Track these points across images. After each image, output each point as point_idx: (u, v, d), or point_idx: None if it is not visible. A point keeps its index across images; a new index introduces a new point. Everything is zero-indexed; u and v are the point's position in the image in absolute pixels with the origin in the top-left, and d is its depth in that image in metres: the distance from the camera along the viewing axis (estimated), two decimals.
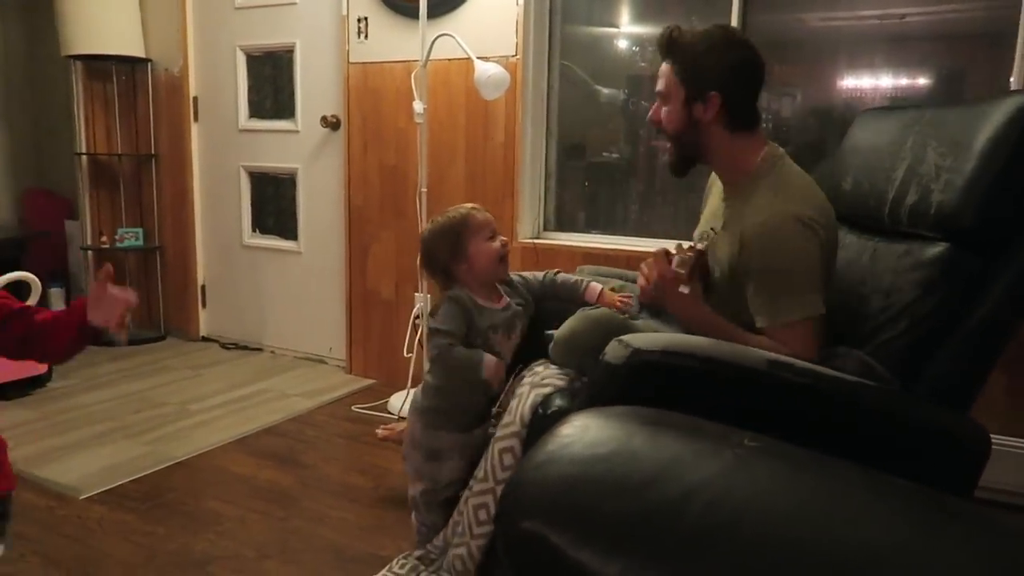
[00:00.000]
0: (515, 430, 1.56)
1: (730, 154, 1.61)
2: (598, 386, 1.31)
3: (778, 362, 1.30)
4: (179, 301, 3.98)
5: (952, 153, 1.40)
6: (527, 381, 1.63)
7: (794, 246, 1.47)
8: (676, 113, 1.61)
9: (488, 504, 1.58)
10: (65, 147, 4.04)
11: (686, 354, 1.28)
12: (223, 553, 1.91)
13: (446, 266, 1.72)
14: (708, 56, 1.56)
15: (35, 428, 2.71)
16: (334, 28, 3.30)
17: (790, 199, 1.51)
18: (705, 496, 0.84)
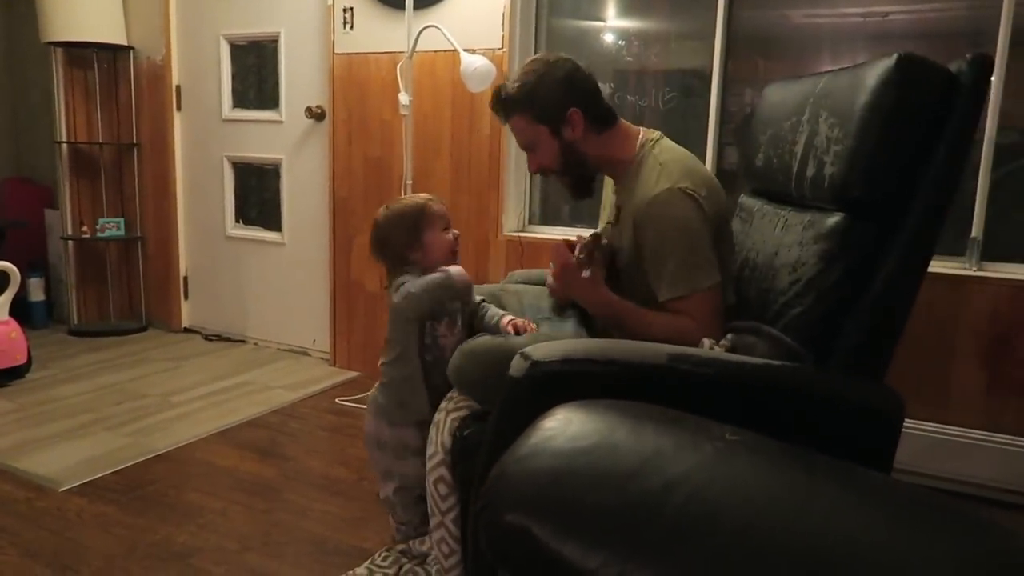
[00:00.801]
0: (440, 459, 1.56)
1: (609, 153, 1.71)
2: (504, 400, 1.31)
3: (678, 355, 1.30)
4: (161, 292, 3.95)
5: (839, 123, 1.39)
6: (443, 407, 1.62)
7: (680, 217, 1.54)
8: (551, 150, 1.70)
9: (445, 538, 1.57)
10: (45, 135, 3.99)
11: (585, 359, 1.27)
12: (205, 545, 1.91)
13: (400, 252, 1.72)
14: (543, 86, 1.65)
15: (13, 419, 2.69)
16: (319, 18, 3.28)
17: (670, 175, 1.58)
18: (686, 488, 0.85)
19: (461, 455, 1.51)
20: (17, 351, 3.03)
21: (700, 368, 1.29)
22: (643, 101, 2.86)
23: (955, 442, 2.27)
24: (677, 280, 1.55)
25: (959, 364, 2.29)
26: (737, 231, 1.76)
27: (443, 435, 1.55)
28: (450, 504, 1.55)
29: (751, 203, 1.78)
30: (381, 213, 1.76)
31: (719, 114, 2.65)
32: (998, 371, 2.25)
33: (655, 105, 2.83)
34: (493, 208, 2.99)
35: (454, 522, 1.55)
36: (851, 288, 1.36)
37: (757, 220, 1.69)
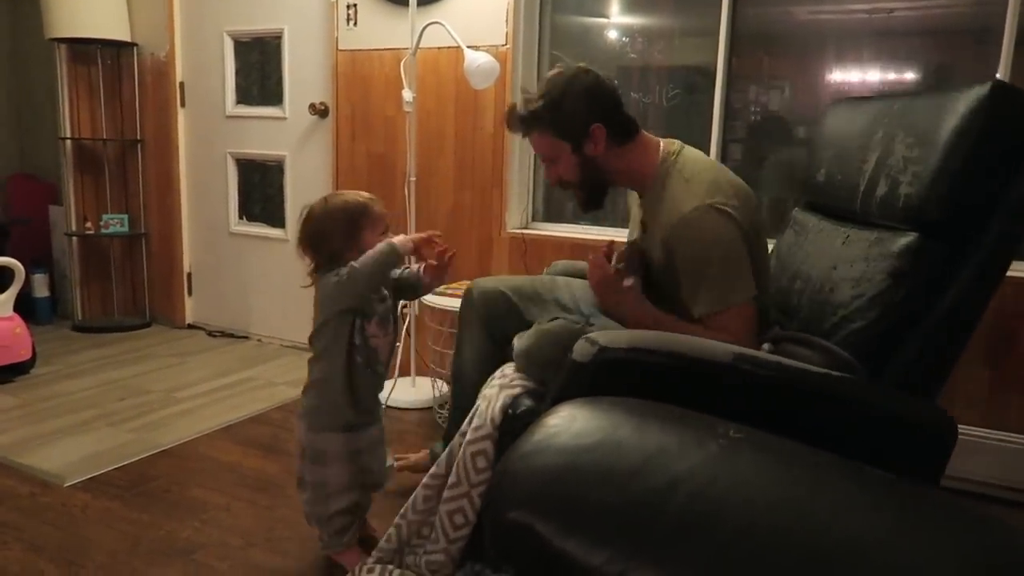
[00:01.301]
0: (486, 432, 1.55)
1: (630, 166, 1.69)
2: (566, 384, 1.31)
3: (743, 355, 1.31)
4: (164, 288, 3.95)
5: (918, 144, 1.41)
6: (496, 383, 1.62)
7: (714, 234, 1.53)
8: (571, 164, 1.68)
9: (464, 508, 1.57)
10: (49, 132, 3.99)
11: (652, 350, 1.28)
12: (208, 541, 1.91)
13: (336, 249, 1.65)
14: (565, 103, 1.63)
15: (17, 415, 2.69)
16: (323, 14, 3.27)
17: (699, 191, 1.57)
18: (689, 486, 0.85)
19: (509, 433, 1.51)
20: (21, 347, 3.04)
21: (761, 370, 1.29)
22: (647, 98, 2.86)
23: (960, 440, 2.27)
24: (713, 297, 1.54)
25: (962, 362, 2.29)
26: (790, 243, 1.77)
27: (494, 410, 1.54)
28: (483, 478, 1.54)
29: (806, 218, 1.78)
30: (318, 206, 1.69)
31: (723, 111, 2.65)
32: (1002, 369, 2.25)
33: (659, 102, 2.83)
34: (496, 205, 2.99)
35: (481, 496, 1.54)
36: (918, 306, 1.38)
37: (813, 234, 1.69)
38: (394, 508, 1.77)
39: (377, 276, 1.62)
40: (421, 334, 3.02)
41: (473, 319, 1.93)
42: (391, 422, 2.74)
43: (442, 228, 3.10)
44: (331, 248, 1.65)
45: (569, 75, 1.65)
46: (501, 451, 1.55)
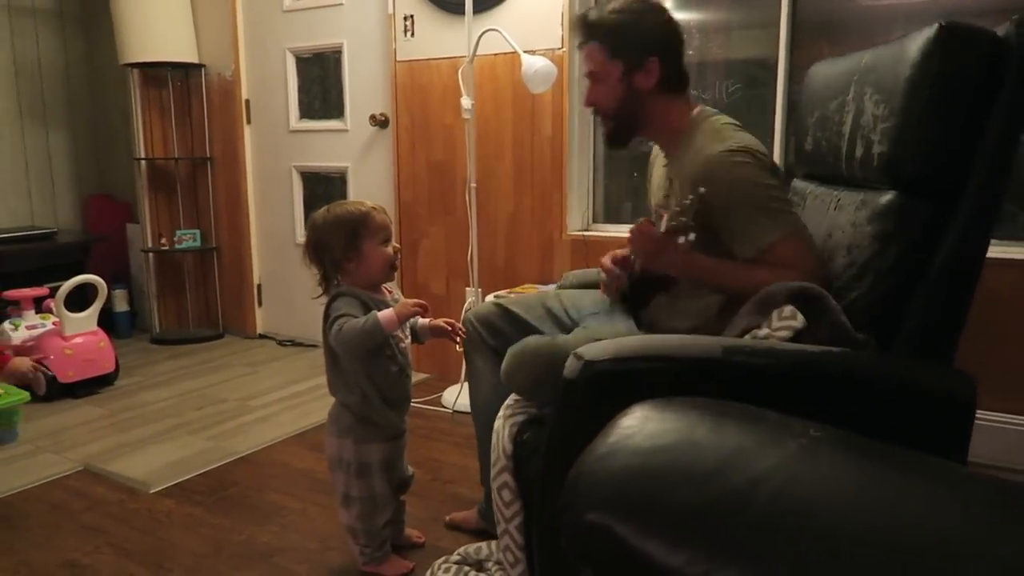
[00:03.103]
0: (503, 465, 1.54)
1: (667, 118, 1.67)
2: (560, 403, 1.29)
3: (732, 347, 1.26)
4: (236, 300, 4.08)
5: (884, 100, 1.34)
6: (501, 414, 1.61)
7: (744, 173, 1.51)
8: (614, 89, 1.65)
9: (510, 546, 1.55)
10: (124, 153, 4.17)
11: (636, 357, 1.24)
12: (287, 545, 1.96)
13: (336, 259, 1.67)
14: (636, 26, 1.60)
15: (104, 425, 2.82)
16: (381, 27, 3.34)
17: (721, 140, 1.55)
18: (771, 486, 0.84)
19: (522, 460, 1.51)
20: (106, 360, 3.18)
21: (755, 359, 1.24)
22: (705, 94, 2.82)
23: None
24: (762, 228, 1.49)
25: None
26: None
27: (504, 441, 1.54)
28: (514, 511, 1.53)
29: (803, 186, 1.74)
30: (320, 216, 1.70)
31: (786, 104, 2.60)
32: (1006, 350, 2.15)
33: (718, 97, 2.79)
34: (557, 208, 3.00)
35: (518, 529, 1.52)
36: (909, 269, 1.31)
37: (810, 202, 1.66)
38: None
39: (359, 348, 1.65)
40: None
41: (478, 343, 1.90)
42: (458, 427, 2.77)
43: (503, 233, 3.12)
44: (332, 257, 1.68)
45: (649, 5, 1.63)
46: (520, 480, 1.53)
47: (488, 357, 1.88)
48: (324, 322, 1.69)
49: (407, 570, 1.81)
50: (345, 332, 1.61)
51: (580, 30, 1.68)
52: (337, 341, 1.63)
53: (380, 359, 1.71)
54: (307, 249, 1.72)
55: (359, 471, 1.73)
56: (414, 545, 1.92)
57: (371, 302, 1.68)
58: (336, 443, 1.76)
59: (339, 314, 1.63)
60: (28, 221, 4.07)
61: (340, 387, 1.75)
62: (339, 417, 1.76)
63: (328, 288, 1.73)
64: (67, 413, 2.94)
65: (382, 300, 1.72)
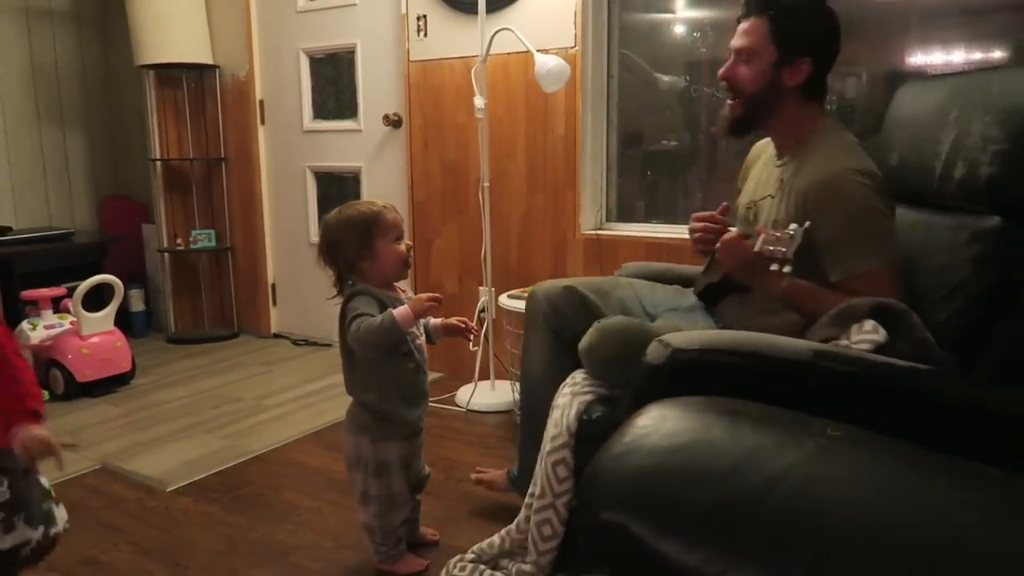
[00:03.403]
0: (563, 441, 1.55)
1: (795, 121, 1.65)
2: (640, 388, 1.29)
3: (823, 352, 1.25)
4: (250, 299, 4.10)
5: (998, 122, 1.33)
6: (567, 391, 1.62)
7: (859, 196, 1.49)
8: (760, 74, 1.62)
9: (551, 519, 1.57)
10: (139, 153, 4.20)
11: (726, 350, 1.24)
12: (302, 543, 1.98)
13: (350, 258, 1.69)
14: (807, 22, 1.58)
15: (121, 424, 2.84)
16: (394, 27, 3.34)
17: (847, 157, 1.54)
18: (787, 485, 0.83)
19: (585, 440, 1.51)
20: (122, 359, 3.20)
21: (844, 367, 1.23)
22: (719, 93, 2.81)
23: None
24: (857, 259, 1.48)
25: None
26: None
27: (569, 418, 1.55)
28: (566, 488, 1.54)
29: None
30: (333, 217, 1.72)
31: None
32: None
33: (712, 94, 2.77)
34: (570, 207, 3.00)
35: (565, 505, 1.54)
36: (1005, 294, 1.31)
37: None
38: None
39: (378, 346, 1.66)
40: (499, 338, 3.04)
41: (539, 321, 1.91)
42: (472, 425, 2.77)
43: (516, 232, 3.12)
44: (345, 257, 1.69)
45: (822, 5, 1.61)
46: (579, 458, 1.55)
47: (545, 336, 1.88)
48: (341, 321, 1.70)
49: (421, 568, 1.82)
50: (363, 331, 1.61)
51: (755, 2, 1.63)
52: (355, 340, 1.63)
53: (396, 357, 1.71)
54: (321, 250, 1.73)
55: (377, 469, 1.74)
56: (428, 543, 1.93)
57: (387, 300, 1.69)
58: (354, 441, 1.77)
59: (356, 313, 1.64)
60: (46, 222, 4.11)
61: (357, 386, 1.76)
62: (357, 415, 1.77)
63: (342, 288, 1.74)
64: (84, 412, 2.96)
65: (396, 298, 1.73)
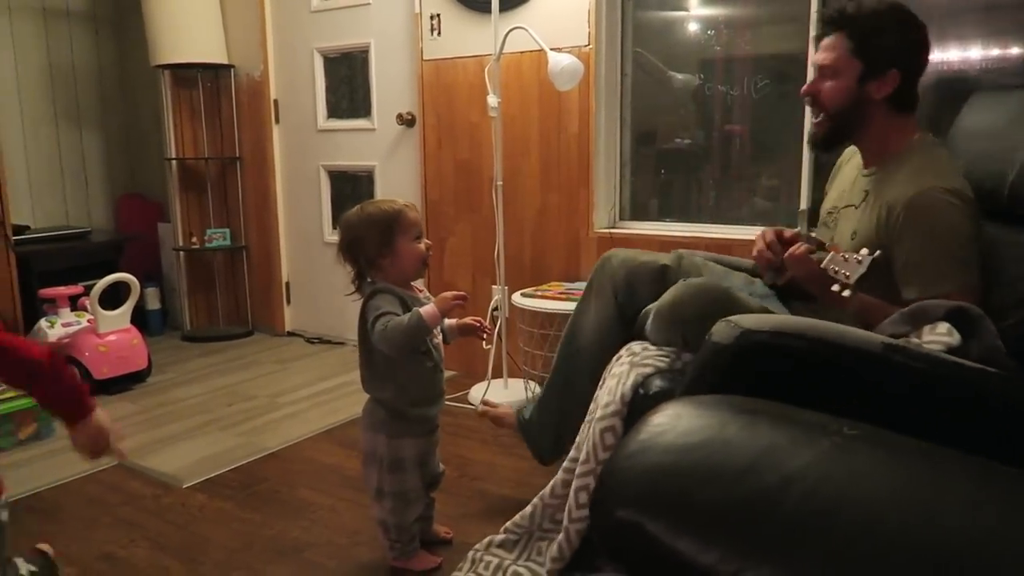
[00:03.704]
0: (615, 409, 1.54)
1: (885, 134, 1.63)
2: (704, 366, 1.27)
3: (893, 345, 1.23)
4: (264, 297, 4.13)
5: None
6: (626, 360, 1.60)
7: (947, 217, 1.47)
8: (844, 89, 1.61)
9: (590, 485, 1.56)
10: (155, 153, 4.24)
11: (797, 335, 1.21)
12: (317, 540, 1.99)
13: (371, 256, 1.69)
14: (890, 33, 1.57)
15: (138, 421, 2.87)
16: (407, 26, 3.35)
17: (939, 174, 1.51)
18: (803, 484, 0.83)
19: (639, 412, 1.49)
20: (139, 357, 3.23)
21: (914, 362, 1.20)
22: (734, 91, 2.81)
23: None
24: (936, 279, 1.46)
25: None
26: None
27: (624, 387, 1.54)
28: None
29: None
30: (354, 214, 1.73)
31: None
32: None
33: (746, 94, 2.77)
34: (583, 205, 2.99)
35: None
36: None
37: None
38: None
39: (405, 346, 1.66)
40: (512, 337, 3.04)
41: (606, 290, 1.88)
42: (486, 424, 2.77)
43: (529, 231, 3.12)
44: (366, 255, 1.70)
45: (908, 14, 1.59)
46: (629, 429, 1.53)
47: (608, 306, 1.88)
48: (361, 319, 1.70)
49: (435, 565, 1.82)
50: (390, 330, 1.62)
51: (834, 18, 1.63)
52: (382, 339, 1.63)
53: (415, 355, 1.72)
54: (341, 247, 1.73)
55: (392, 466, 1.75)
56: (442, 541, 1.93)
57: (407, 298, 1.70)
58: (370, 438, 1.78)
59: (380, 312, 1.64)
60: (63, 221, 4.15)
61: (374, 383, 1.77)
62: (373, 412, 1.78)
63: (361, 286, 1.74)
64: None
65: (415, 297, 1.74)
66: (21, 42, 3.94)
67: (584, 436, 1.64)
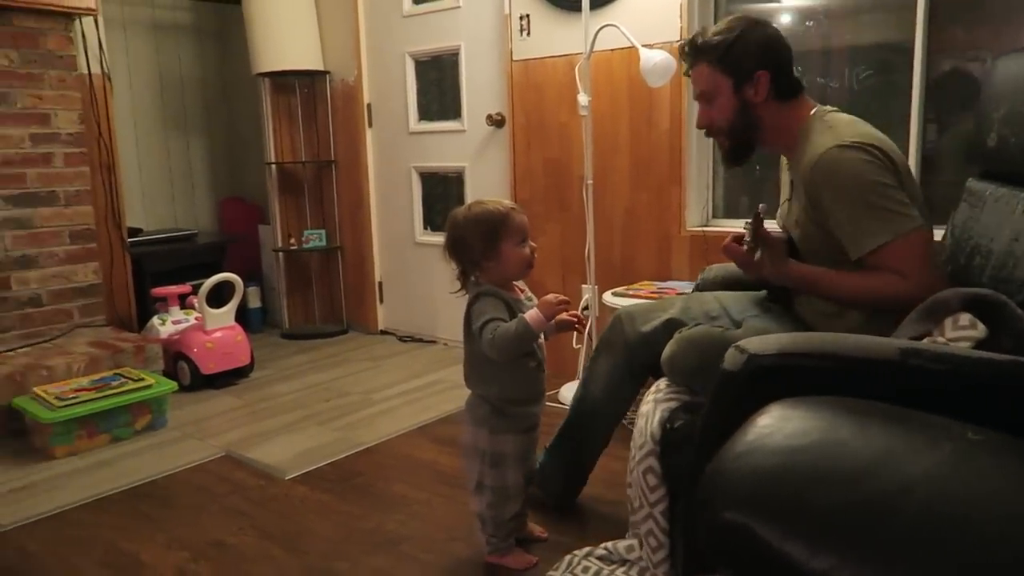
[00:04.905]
0: (649, 448, 1.56)
1: (781, 126, 1.68)
2: (718, 395, 1.26)
3: (910, 349, 1.17)
4: (358, 297, 4.24)
5: None
6: (651, 398, 1.63)
7: (853, 168, 1.48)
8: (727, 106, 1.69)
9: (653, 531, 1.58)
10: (255, 158, 4.41)
11: (804, 354, 1.18)
12: (413, 533, 2.03)
13: (475, 258, 1.69)
14: (741, 42, 1.65)
15: (242, 414, 3.00)
16: (497, 27, 3.38)
17: (836, 135, 1.53)
18: (924, 490, 0.80)
19: (670, 446, 1.51)
20: (242, 353, 3.38)
21: (934, 364, 1.15)
22: (834, 83, 2.71)
23: None
24: (869, 230, 1.48)
25: None
26: (964, 218, 1.64)
27: (652, 425, 1.56)
28: (659, 496, 1.54)
29: (981, 187, 1.63)
30: (461, 213, 1.73)
31: (923, 91, 2.45)
32: None
33: (847, 85, 2.67)
34: (675, 204, 2.95)
35: (663, 514, 1.54)
36: None
37: (990, 204, 1.56)
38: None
39: (514, 353, 1.68)
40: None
41: (617, 343, 1.94)
42: None
43: (619, 229, 3.10)
44: (471, 256, 1.71)
45: (750, 19, 1.69)
46: (666, 465, 1.54)
47: (620, 364, 1.94)
48: (466, 319, 1.73)
49: (531, 564, 1.83)
50: (499, 338, 1.63)
51: (688, 54, 1.74)
52: (490, 347, 1.65)
53: (520, 356, 1.74)
54: (447, 245, 1.76)
55: (493, 461, 1.77)
56: (537, 539, 1.94)
57: (511, 301, 1.71)
58: (472, 432, 1.80)
59: (487, 319, 1.66)
60: (172, 223, 4.38)
61: (478, 381, 1.80)
62: (475, 407, 1.80)
63: (466, 284, 1.77)
64: (208, 402, 3.14)
65: (518, 299, 1.75)
66: (136, 57, 4.18)
67: (631, 480, 1.66)
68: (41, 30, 3.16)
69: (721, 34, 1.67)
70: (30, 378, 2.79)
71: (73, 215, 3.33)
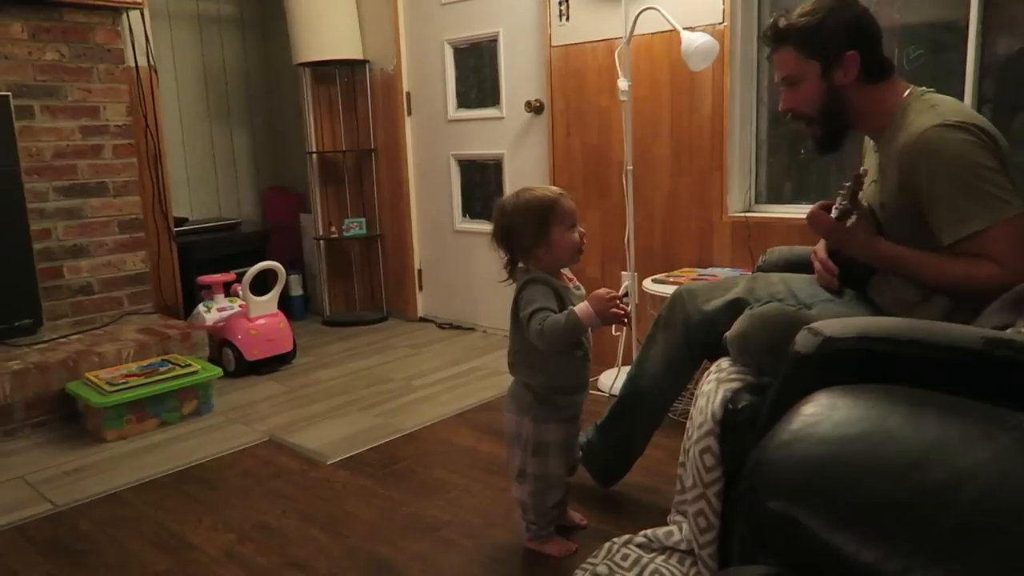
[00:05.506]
0: (709, 428, 1.52)
1: (873, 109, 1.62)
2: (788, 378, 1.22)
3: (996, 339, 1.12)
4: (398, 284, 4.27)
5: None
6: (713, 377, 1.58)
7: (956, 148, 1.42)
8: (814, 90, 1.63)
9: (704, 511, 1.54)
10: (296, 147, 4.46)
11: (884, 338, 1.13)
12: (453, 519, 2.04)
13: (526, 245, 1.67)
14: (827, 24, 1.58)
15: (285, 400, 3.04)
16: (536, 13, 3.36)
17: (937, 115, 1.47)
18: (980, 481, 0.77)
19: (731, 428, 1.49)
20: (285, 340, 3.43)
21: (1021, 355, 1.09)
22: None
23: None
24: (969, 214, 1.41)
25: None
26: None
27: (714, 405, 1.52)
28: (715, 476, 1.52)
29: None
30: (509, 201, 1.71)
31: (978, 71, 2.37)
32: None
33: (898, 65, 2.59)
34: (716, 189, 2.90)
35: (717, 496, 1.52)
36: None
37: None
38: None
39: (562, 344, 1.67)
40: (642, 323, 3.00)
41: (676, 322, 1.90)
42: None
43: (659, 216, 3.07)
44: (521, 243, 1.70)
45: (837, 1, 1.61)
46: (725, 446, 1.51)
47: (679, 342, 1.90)
48: (514, 306, 1.72)
49: (571, 552, 1.83)
50: (548, 330, 1.63)
51: (770, 37, 1.67)
52: (539, 338, 1.64)
53: (567, 346, 1.73)
54: (495, 234, 1.75)
55: (536, 449, 1.76)
56: (576, 527, 1.94)
57: (560, 289, 1.70)
58: (515, 420, 1.79)
59: (536, 308, 1.64)
60: (216, 213, 4.45)
61: (523, 368, 1.79)
62: (519, 395, 1.79)
63: (513, 272, 1.76)
64: (252, 388, 3.20)
65: (566, 287, 1.74)
66: (180, 48, 4.25)
67: (685, 459, 1.63)
68: (90, 24, 3.23)
69: (807, 15, 1.60)
70: (82, 364, 2.87)
71: (122, 205, 3.40)
